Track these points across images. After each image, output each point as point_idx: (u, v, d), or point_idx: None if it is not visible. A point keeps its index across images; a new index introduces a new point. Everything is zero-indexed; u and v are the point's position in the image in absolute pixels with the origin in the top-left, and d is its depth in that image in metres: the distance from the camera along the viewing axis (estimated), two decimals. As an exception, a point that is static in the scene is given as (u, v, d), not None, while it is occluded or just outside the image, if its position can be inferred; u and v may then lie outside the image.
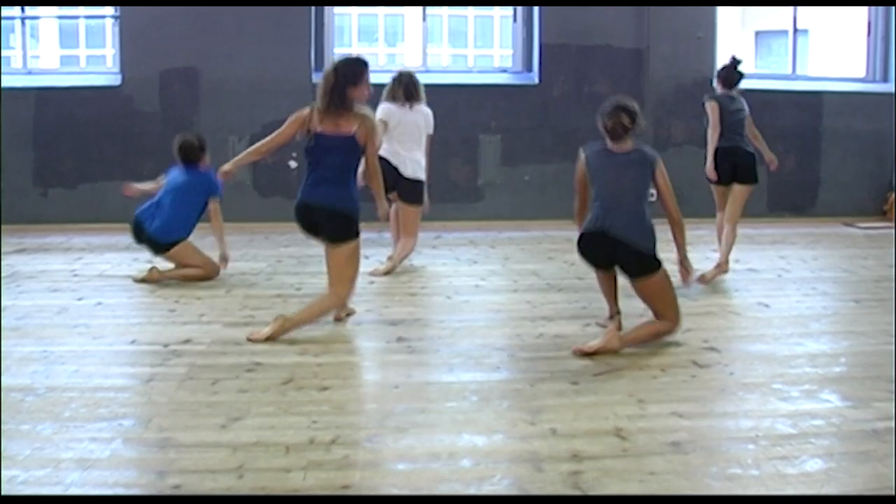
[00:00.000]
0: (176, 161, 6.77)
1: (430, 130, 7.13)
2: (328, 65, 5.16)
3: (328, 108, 4.96)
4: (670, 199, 4.96)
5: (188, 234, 6.67)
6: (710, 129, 6.72)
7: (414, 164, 7.04)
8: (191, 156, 6.70)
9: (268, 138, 5.21)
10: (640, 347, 4.80)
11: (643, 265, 4.82)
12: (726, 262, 6.73)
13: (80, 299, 6.02)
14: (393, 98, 7.00)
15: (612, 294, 5.17)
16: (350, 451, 3.39)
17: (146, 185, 7.05)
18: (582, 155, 5.04)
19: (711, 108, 6.69)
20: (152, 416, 3.76)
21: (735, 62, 6.83)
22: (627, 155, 4.91)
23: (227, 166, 5.28)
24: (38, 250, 7.82)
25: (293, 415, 3.80)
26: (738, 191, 6.78)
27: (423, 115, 7.08)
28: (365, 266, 5.99)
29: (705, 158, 6.76)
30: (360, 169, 5.18)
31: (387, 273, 6.87)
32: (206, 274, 6.64)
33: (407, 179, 7.02)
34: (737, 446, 3.48)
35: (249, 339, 4.92)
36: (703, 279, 6.42)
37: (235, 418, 3.72)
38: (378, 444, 3.49)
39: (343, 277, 5.09)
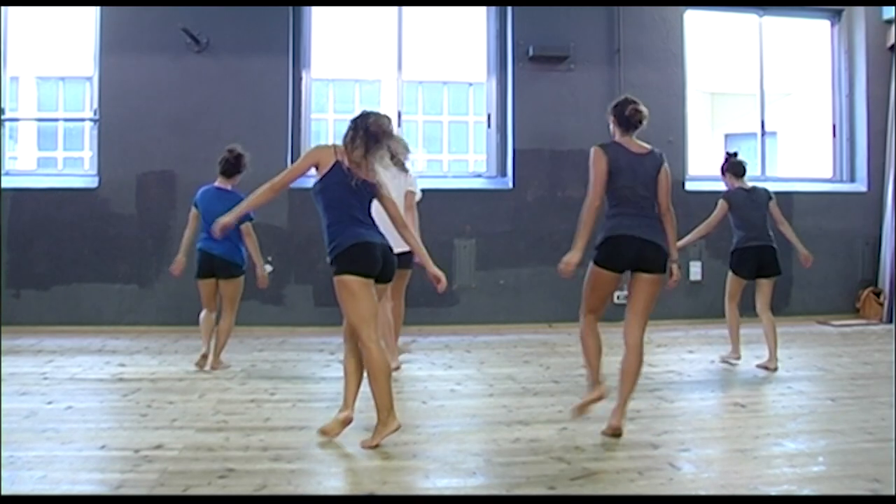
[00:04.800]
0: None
1: None
2: None
3: None
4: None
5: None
6: (704, 224, 7.45)
7: None
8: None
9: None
10: (616, 451, 4.77)
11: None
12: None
13: (49, 403, 5.92)
14: None
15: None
16: (323, 561, 3.31)
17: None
18: None
19: (721, 207, 7.39)
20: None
21: (734, 153, 7.55)
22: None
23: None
24: (8, 352, 7.70)
25: (265, 523, 3.73)
26: (765, 284, 7.39)
27: None
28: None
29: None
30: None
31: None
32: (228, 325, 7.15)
33: None
34: (717, 551, 3.43)
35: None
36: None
37: (206, 527, 3.64)
38: (352, 552, 3.42)
39: None
